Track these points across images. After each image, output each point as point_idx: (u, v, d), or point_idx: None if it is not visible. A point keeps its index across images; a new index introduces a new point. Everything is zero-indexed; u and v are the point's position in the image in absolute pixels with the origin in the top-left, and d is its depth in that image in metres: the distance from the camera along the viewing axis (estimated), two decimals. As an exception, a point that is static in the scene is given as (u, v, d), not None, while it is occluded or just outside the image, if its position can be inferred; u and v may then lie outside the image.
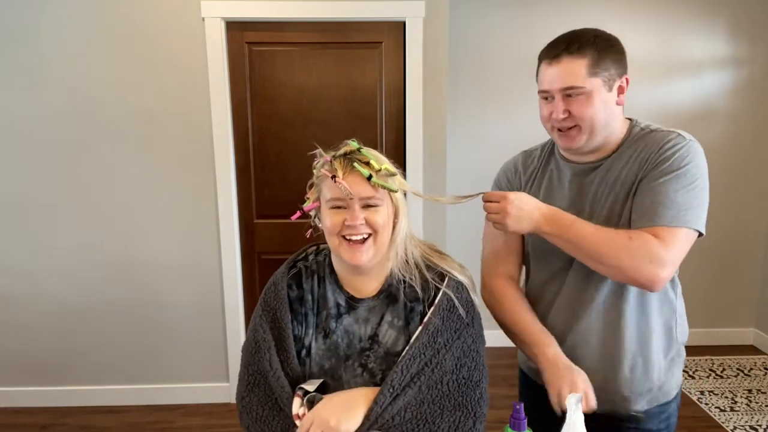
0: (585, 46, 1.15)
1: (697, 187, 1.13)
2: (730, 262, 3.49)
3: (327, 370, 1.12)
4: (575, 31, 1.19)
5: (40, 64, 2.58)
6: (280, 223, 2.83)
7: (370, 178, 1.05)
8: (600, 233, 1.13)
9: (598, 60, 1.14)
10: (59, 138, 2.64)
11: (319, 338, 1.14)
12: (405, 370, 1.06)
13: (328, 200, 1.09)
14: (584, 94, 1.15)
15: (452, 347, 1.10)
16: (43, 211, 2.71)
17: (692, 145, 1.17)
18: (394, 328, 1.13)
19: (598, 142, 1.21)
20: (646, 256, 1.09)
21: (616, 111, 1.20)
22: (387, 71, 2.69)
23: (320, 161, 1.13)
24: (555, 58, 1.16)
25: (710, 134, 3.33)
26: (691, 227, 1.12)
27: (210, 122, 2.65)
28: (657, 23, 3.17)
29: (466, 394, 1.09)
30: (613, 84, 1.17)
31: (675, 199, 1.11)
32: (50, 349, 2.84)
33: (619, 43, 1.19)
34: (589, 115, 1.16)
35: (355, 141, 1.13)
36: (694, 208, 1.12)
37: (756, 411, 2.81)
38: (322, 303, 1.16)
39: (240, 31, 2.64)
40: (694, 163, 1.14)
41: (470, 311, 1.15)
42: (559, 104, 1.17)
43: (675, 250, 1.10)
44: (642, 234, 1.11)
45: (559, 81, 1.16)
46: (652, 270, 1.09)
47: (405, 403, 1.06)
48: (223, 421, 2.76)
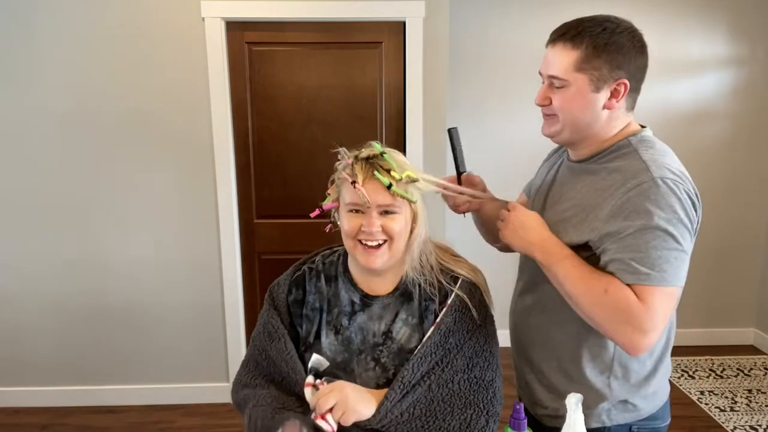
0: (583, 36, 1.07)
1: (669, 239, 1.00)
2: (730, 263, 3.49)
3: (339, 364, 1.14)
4: (585, 18, 1.11)
5: (40, 64, 2.58)
6: (280, 223, 2.83)
7: (389, 186, 1.05)
8: (582, 282, 1.05)
9: (590, 56, 1.06)
10: (59, 138, 2.64)
11: (330, 334, 1.16)
12: (416, 368, 1.08)
13: (347, 203, 1.09)
14: (565, 87, 1.09)
15: (464, 347, 1.11)
16: (42, 210, 2.71)
17: (668, 187, 1.01)
18: (408, 325, 1.14)
19: (577, 139, 1.16)
20: (622, 316, 1.01)
21: (603, 115, 1.10)
22: (387, 71, 2.69)
23: (342, 163, 1.12)
24: (552, 41, 1.12)
25: (710, 134, 3.33)
26: (672, 283, 1.01)
27: (210, 122, 2.65)
28: (657, 23, 3.17)
29: (478, 393, 1.10)
30: (601, 85, 1.08)
31: (649, 253, 1.00)
32: (50, 349, 2.84)
33: (628, 44, 1.07)
34: (565, 110, 1.11)
35: (378, 144, 1.12)
36: (671, 262, 1.00)
37: (756, 411, 2.81)
38: (334, 301, 1.18)
39: (240, 31, 2.64)
40: (665, 209, 1.00)
41: (483, 312, 1.16)
42: (543, 89, 1.14)
43: (657, 313, 1.00)
44: (618, 287, 1.02)
45: (546, 66, 1.13)
46: (628, 334, 1.01)
47: (414, 400, 1.07)
48: (223, 421, 2.76)
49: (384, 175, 1.05)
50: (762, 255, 3.49)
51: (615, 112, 1.11)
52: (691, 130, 3.31)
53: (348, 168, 1.09)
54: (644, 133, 1.15)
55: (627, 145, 1.11)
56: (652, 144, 1.11)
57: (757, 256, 3.49)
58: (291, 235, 2.83)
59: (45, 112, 2.62)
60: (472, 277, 1.19)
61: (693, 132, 3.31)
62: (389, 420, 1.06)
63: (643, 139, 1.12)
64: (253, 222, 2.84)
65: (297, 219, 2.80)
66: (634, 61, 1.08)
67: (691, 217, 1.03)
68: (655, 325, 1.01)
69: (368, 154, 1.10)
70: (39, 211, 2.71)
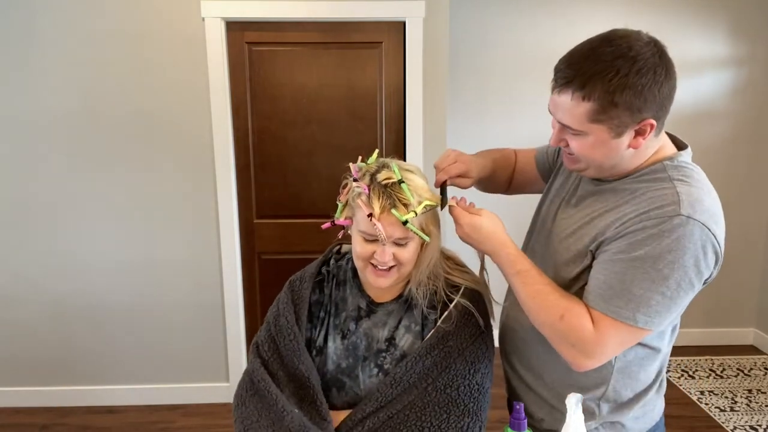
0: (594, 85, 0.91)
1: (662, 283, 0.92)
2: (730, 262, 3.47)
3: (344, 369, 1.14)
4: (591, 56, 0.92)
5: (41, 64, 2.58)
6: (280, 223, 2.83)
7: (405, 223, 1.04)
8: (538, 298, 1.02)
9: (606, 107, 0.92)
10: (59, 138, 2.64)
11: (337, 339, 1.16)
12: (410, 366, 1.08)
13: (361, 230, 1.08)
14: (581, 136, 0.98)
15: (465, 351, 1.11)
16: (42, 210, 2.71)
17: (688, 228, 0.91)
18: (411, 332, 1.15)
19: (605, 175, 1.06)
20: (571, 340, 0.99)
21: (629, 153, 0.99)
22: (387, 71, 2.69)
23: (358, 187, 1.07)
24: (559, 87, 0.96)
25: (710, 134, 3.33)
26: (642, 326, 0.95)
27: (210, 122, 2.65)
28: (657, 23, 3.17)
29: (477, 401, 1.10)
30: (623, 131, 0.95)
31: (632, 289, 0.94)
32: (50, 349, 2.84)
33: (649, 81, 0.91)
34: (587, 156, 1.00)
35: (396, 167, 1.08)
36: (651, 306, 0.94)
37: (756, 411, 2.81)
38: (342, 305, 1.19)
39: (240, 31, 2.64)
40: (673, 251, 0.91)
41: (484, 320, 1.17)
42: (557, 133, 1.03)
43: (608, 345, 0.98)
44: (575, 313, 0.99)
45: (555, 110, 1.00)
46: (573, 354, 1.00)
47: (410, 403, 1.07)
48: (223, 421, 2.76)
49: (401, 211, 1.03)
50: (762, 255, 3.49)
51: (643, 145, 0.99)
52: (691, 130, 3.30)
53: (364, 197, 1.05)
54: (681, 158, 1.02)
55: (661, 170, 1.00)
56: (689, 174, 0.99)
57: (758, 256, 3.49)
58: (291, 235, 2.83)
59: (45, 112, 2.62)
60: (476, 287, 1.19)
61: (693, 132, 3.31)
62: (382, 422, 1.05)
63: (679, 166, 1.00)
64: (253, 222, 2.84)
65: (297, 219, 2.80)
66: (658, 95, 0.93)
67: (701, 268, 0.93)
68: (602, 354, 0.99)
69: (385, 179, 1.05)
70: (38, 210, 2.71)
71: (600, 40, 0.94)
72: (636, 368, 1.10)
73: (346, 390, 1.14)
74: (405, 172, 1.08)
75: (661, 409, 1.19)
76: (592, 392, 1.11)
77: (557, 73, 0.97)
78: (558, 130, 1.03)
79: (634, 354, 1.08)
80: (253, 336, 3.15)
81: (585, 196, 1.12)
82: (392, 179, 1.05)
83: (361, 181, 1.08)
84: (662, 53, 0.95)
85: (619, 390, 1.11)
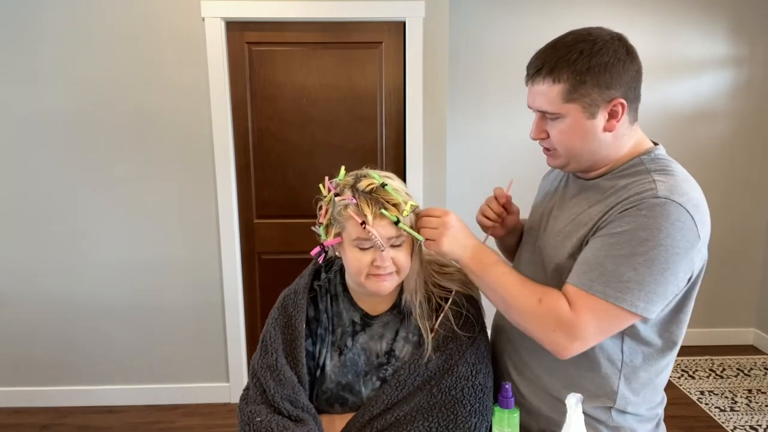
0: (561, 67, 1.00)
1: (644, 260, 0.94)
2: (730, 262, 3.49)
3: (345, 386, 1.14)
4: (556, 45, 1.03)
5: (41, 64, 2.58)
6: (280, 223, 2.83)
7: (397, 222, 1.04)
8: (515, 288, 1.04)
9: (576, 85, 0.99)
10: (59, 137, 2.64)
11: (334, 356, 1.16)
12: (413, 370, 1.09)
13: (354, 239, 1.07)
14: (559, 119, 1.04)
15: (465, 353, 1.12)
16: (42, 210, 2.71)
17: (664, 208, 0.95)
18: (409, 342, 1.16)
19: (586, 167, 1.09)
20: (551, 323, 0.99)
21: (607, 138, 1.04)
22: (387, 71, 2.69)
23: (343, 200, 1.07)
24: (531, 78, 1.05)
25: (710, 134, 3.33)
26: (614, 302, 0.95)
27: (210, 122, 2.66)
28: (657, 23, 3.17)
29: (482, 401, 1.11)
30: (595, 111, 1.01)
31: (605, 263, 0.96)
32: (50, 349, 2.84)
33: (611, 59, 0.99)
34: (564, 143, 1.05)
35: (375, 173, 1.09)
36: (626, 282, 0.94)
37: (756, 411, 2.81)
38: (337, 321, 1.18)
39: (240, 31, 2.64)
40: (647, 229, 0.94)
41: (479, 321, 1.18)
42: (537, 123, 1.09)
43: (587, 323, 0.97)
44: (552, 296, 1.00)
45: (533, 101, 1.07)
46: (554, 339, 0.99)
47: (416, 404, 1.08)
48: (223, 421, 2.76)
49: (391, 211, 1.04)
50: (762, 255, 3.49)
51: (618, 131, 1.04)
52: (691, 130, 3.31)
53: (353, 207, 1.05)
54: (657, 151, 1.08)
55: (639, 164, 1.05)
56: (665, 165, 1.05)
57: (758, 256, 3.49)
58: (291, 235, 2.83)
59: (45, 112, 2.62)
60: (464, 289, 1.19)
61: (693, 132, 3.31)
62: (389, 423, 1.06)
63: (655, 158, 1.06)
64: (253, 222, 2.84)
65: (297, 219, 2.80)
66: (623, 74, 1.00)
67: (677, 249, 0.94)
68: (583, 334, 0.98)
69: (368, 186, 1.06)
70: (38, 210, 2.71)
71: (563, 34, 1.05)
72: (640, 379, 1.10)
73: (349, 405, 1.14)
74: (383, 177, 1.09)
75: (661, 415, 1.20)
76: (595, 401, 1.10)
77: (528, 67, 1.06)
78: (537, 120, 1.09)
79: (637, 358, 1.08)
80: (253, 336, 3.14)
81: (570, 197, 1.15)
82: (375, 184, 1.06)
83: (344, 195, 1.07)
84: (622, 39, 1.03)
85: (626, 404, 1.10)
